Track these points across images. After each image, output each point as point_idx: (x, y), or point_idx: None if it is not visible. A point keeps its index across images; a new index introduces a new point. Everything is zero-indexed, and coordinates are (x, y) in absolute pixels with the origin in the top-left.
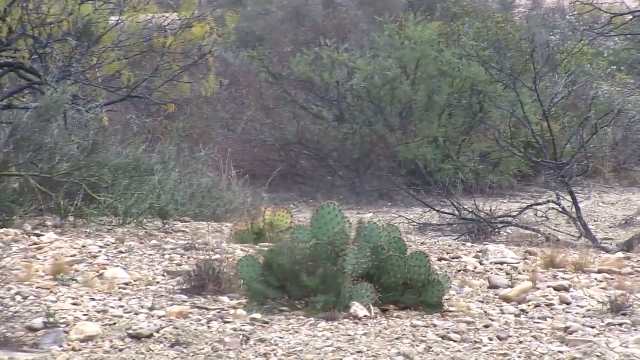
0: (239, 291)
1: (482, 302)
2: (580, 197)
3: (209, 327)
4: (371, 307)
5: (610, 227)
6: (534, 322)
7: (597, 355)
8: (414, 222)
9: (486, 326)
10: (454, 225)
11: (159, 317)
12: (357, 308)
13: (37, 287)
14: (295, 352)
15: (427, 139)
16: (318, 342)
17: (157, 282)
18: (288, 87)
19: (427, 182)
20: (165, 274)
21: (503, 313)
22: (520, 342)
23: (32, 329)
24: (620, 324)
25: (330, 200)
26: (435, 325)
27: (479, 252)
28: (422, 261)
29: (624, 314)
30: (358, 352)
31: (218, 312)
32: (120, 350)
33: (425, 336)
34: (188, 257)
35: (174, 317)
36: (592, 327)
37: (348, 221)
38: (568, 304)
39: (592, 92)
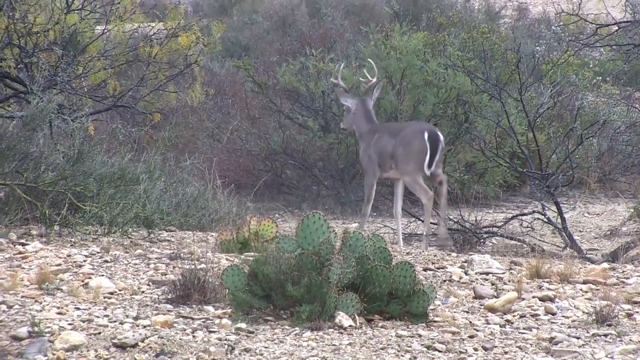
0: (224, 301)
1: (467, 312)
2: (566, 208)
3: (194, 336)
4: (356, 317)
5: (596, 238)
6: (520, 333)
7: None
8: None
9: (471, 336)
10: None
11: (144, 327)
12: (342, 318)
13: (22, 297)
14: None
15: None
16: (303, 352)
17: (142, 292)
18: (274, 97)
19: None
20: (150, 283)
21: (488, 323)
22: (506, 353)
23: (17, 339)
24: (606, 335)
25: (316, 210)
26: (420, 336)
27: (465, 262)
28: (407, 271)
29: (609, 325)
30: None
31: (203, 321)
32: (105, 359)
33: (410, 346)
34: (173, 267)
35: (159, 326)
36: (578, 338)
37: (333, 231)
38: (553, 314)
39: (578, 103)
